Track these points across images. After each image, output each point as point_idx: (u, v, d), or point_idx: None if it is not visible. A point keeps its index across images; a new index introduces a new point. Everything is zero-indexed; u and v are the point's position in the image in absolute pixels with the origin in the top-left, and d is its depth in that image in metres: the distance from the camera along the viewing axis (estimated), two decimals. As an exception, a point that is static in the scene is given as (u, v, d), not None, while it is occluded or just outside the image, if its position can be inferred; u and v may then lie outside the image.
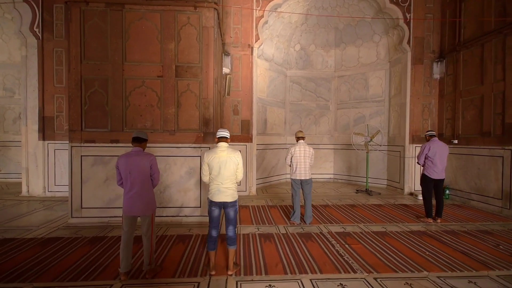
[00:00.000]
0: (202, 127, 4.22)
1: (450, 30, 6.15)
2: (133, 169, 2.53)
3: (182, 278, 2.58)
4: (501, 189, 4.89)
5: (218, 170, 2.62)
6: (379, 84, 7.38)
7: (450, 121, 6.15)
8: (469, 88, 5.64)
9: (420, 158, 4.46)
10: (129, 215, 2.57)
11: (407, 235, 3.79)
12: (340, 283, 2.50)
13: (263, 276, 2.63)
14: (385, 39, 7.16)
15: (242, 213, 4.77)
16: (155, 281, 2.52)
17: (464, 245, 3.43)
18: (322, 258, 3.01)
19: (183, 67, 4.16)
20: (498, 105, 4.97)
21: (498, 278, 2.64)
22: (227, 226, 2.73)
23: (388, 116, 7.22)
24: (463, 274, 2.71)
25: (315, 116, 8.26)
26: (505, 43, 4.80)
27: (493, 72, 5.07)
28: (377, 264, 2.88)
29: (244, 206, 5.29)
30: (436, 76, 6.41)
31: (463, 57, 5.78)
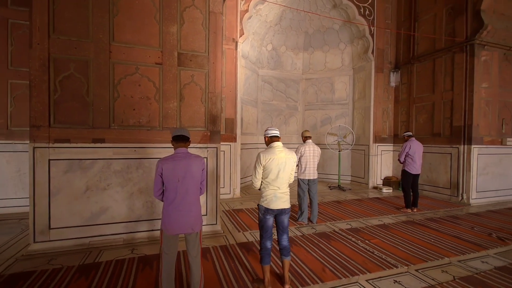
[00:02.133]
0: (208, 124, 3.73)
1: (404, 45, 7.15)
2: (185, 176, 2.02)
3: (240, 301, 2.21)
4: (449, 180, 5.95)
5: (277, 174, 2.34)
6: (344, 89, 8.03)
7: (405, 123, 7.16)
8: (421, 96, 6.68)
9: (402, 156, 5.03)
10: (174, 233, 2.04)
11: (403, 225, 4.22)
12: (394, 280, 2.57)
13: (321, 284, 2.48)
14: (349, 48, 7.83)
15: (244, 218, 4.46)
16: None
17: (450, 230, 4.01)
18: (358, 257, 3.04)
19: (187, 55, 3.60)
20: (447, 111, 6.03)
21: (496, 255, 3.18)
22: (281, 235, 2.47)
23: (352, 118, 7.92)
24: (476, 255, 3.15)
25: (285, 116, 8.43)
26: (454, 60, 5.86)
27: (443, 83, 6.12)
28: (406, 257, 3.08)
29: (238, 210, 4.96)
30: (393, 84, 7.37)
31: (417, 69, 6.80)
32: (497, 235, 3.75)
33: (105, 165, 3.26)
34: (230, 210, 4.93)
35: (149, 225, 3.47)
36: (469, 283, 2.51)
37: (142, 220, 3.44)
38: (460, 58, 5.76)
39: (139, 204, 3.42)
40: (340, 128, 7.15)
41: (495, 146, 5.85)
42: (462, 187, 5.73)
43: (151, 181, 3.45)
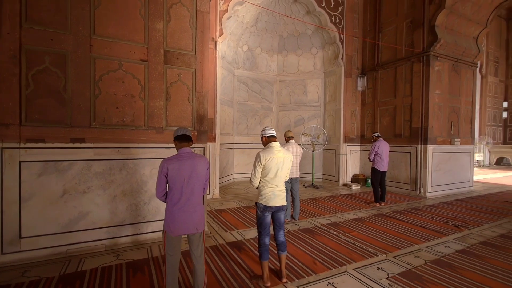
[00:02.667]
0: (195, 124, 3.69)
1: (370, 52, 7.77)
2: (191, 175, 2.00)
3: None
4: (409, 176, 6.64)
5: (275, 173, 2.44)
6: (316, 91, 8.45)
7: (370, 125, 7.79)
8: (385, 100, 7.33)
9: (371, 155, 5.49)
10: (179, 234, 2.01)
11: (375, 218, 4.62)
12: (377, 267, 2.83)
13: (314, 276, 2.63)
14: (321, 53, 8.26)
15: (228, 218, 4.47)
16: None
17: (414, 221, 4.51)
18: (342, 249, 3.27)
19: (174, 53, 3.51)
20: (407, 114, 6.72)
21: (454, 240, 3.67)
22: (278, 231, 2.57)
23: (323, 119, 8.37)
24: (439, 241, 3.60)
25: (260, 116, 8.58)
26: (413, 68, 6.55)
27: (403, 89, 6.80)
28: (383, 246, 3.40)
29: (220, 210, 4.95)
30: (359, 89, 7.96)
31: (381, 75, 7.45)
32: (452, 223, 4.32)
33: (85, 166, 3.04)
34: (212, 210, 4.90)
35: (133, 229, 3.31)
36: (439, 265, 2.88)
37: (126, 224, 3.28)
38: (418, 67, 6.47)
39: (123, 208, 3.26)
40: (313, 129, 7.53)
41: (446, 145, 6.67)
42: (419, 182, 6.43)
43: (136, 183, 3.31)
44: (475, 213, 4.99)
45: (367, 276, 2.63)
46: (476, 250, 3.29)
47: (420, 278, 2.60)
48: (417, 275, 2.65)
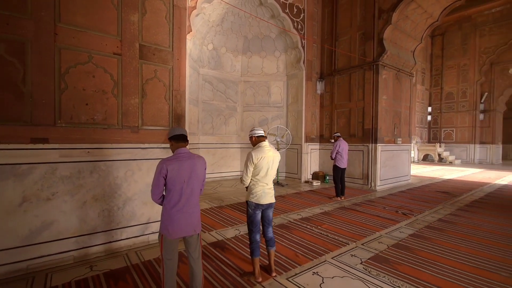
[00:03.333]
0: (173, 123, 3.55)
1: (328, 59, 8.42)
2: (191, 176, 1.97)
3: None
4: (362, 172, 7.41)
5: (266, 171, 2.54)
6: (279, 93, 8.80)
7: (328, 126, 8.44)
8: (341, 103, 8.03)
9: (333, 153, 5.99)
10: (178, 236, 1.97)
11: (339, 211, 5.07)
12: (350, 254, 3.16)
13: (299, 267, 2.82)
14: (284, 56, 8.63)
15: (203, 219, 4.41)
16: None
17: (371, 211, 5.09)
18: (318, 241, 3.54)
19: (150, 49, 3.33)
20: (360, 116, 7.48)
21: (406, 226, 4.27)
22: (267, 228, 2.68)
23: (286, 120, 8.76)
24: (394, 227, 4.14)
25: (225, 116, 8.57)
26: (365, 75, 7.32)
27: (357, 93, 7.55)
28: (351, 235, 3.79)
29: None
30: (319, 92, 8.56)
31: (337, 80, 8.13)
32: (401, 212, 5.01)
33: (48, 170, 2.70)
34: (184, 212, 4.75)
35: (106, 237, 3.05)
36: (398, 248, 3.34)
37: (98, 232, 3.00)
38: (369, 75, 7.26)
39: (94, 214, 2.97)
40: (278, 129, 7.83)
41: (391, 144, 7.64)
42: (371, 177, 7.24)
43: (109, 187, 3.06)
44: (416, 202, 5.85)
45: (344, 263, 2.91)
46: (423, 233, 3.90)
47: (387, 260, 2.99)
48: (384, 258, 3.04)
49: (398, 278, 2.60)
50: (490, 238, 3.71)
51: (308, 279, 2.58)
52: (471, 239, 3.67)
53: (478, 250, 3.30)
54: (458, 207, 5.50)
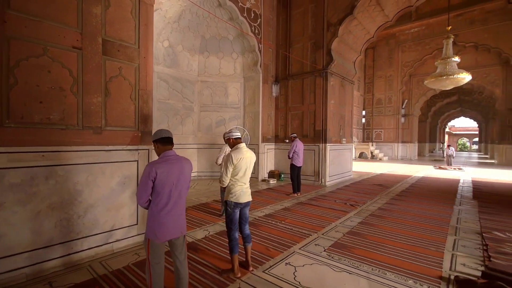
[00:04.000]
0: (139, 124, 3.40)
1: (282, 63, 8.92)
2: (179, 179, 1.97)
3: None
4: (314, 169, 8.09)
5: (244, 171, 2.68)
6: (236, 94, 8.95)
7: (283, 127, 8.95)
8: (295, 106, 8.61)
9: (290, 152, 6.42)
10: (166, 239, 1.96)
11: (298, 206, 5.50)
12: (315, 244, 3.51)
13: (272, 260, 3.03)
14: (241, 58, 8.82)
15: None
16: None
17: (325, 205, 5.65)
18: (284, 234, 3.82)
19: (114, 44, 3.12)
20: (311, 118, 8.15)
21: (355, 216, 4.89)
22: (244, 225, 2.81)
23: (243, 120, 8.96)
24: (346, 217, 4.70)
25: (181, 116, 8.32)
26: (315, 81, 8.01)
27: (309, 97, 8.21)
28: (312, 227, 4.18)
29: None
30: (274, 94, 9.00)
31: (291, 84, 8.69)
32: (349, 203, 5.69)
33: (-6, 177, 2.33)
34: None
35: (65, 248, 2.77)
36: (352, 235, 3.84)
37: (55, 244, 2.70)
38: (319, 81, 7.97)
39: (50, 225, 2.67)
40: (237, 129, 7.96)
41: (337, 144, 8.52)
42: (321, 174, 7.97)
43: (68, 193, 2.78)
44: (360, 194, 6.70)
45: (311, 252, 3.24)
46: (369, 221, 4.54)
47: (345, 246, 3.43)
48: (342, 245, 3.48)
49: (356, 260, 3.03)
50: (417, 221, 4.54)
51: (282, 269, 2.81)
52: (404, 222, 4.43)
53: (410, 231, 4.02)
54: (391, 196, 6.50)
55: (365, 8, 7.47)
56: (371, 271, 2.77)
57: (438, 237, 3.77)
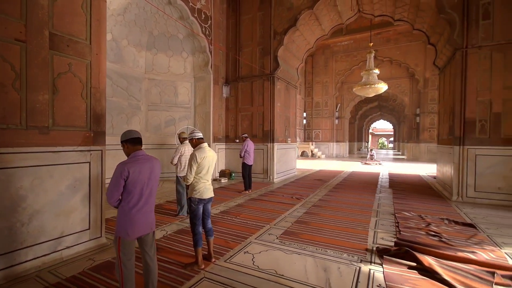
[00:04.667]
0: (91, 124, 3.24)
1: (232, 66, 9.21)
2: (150, 177, 2.08)
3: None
4: (262, 167, 8.62)
5: (207, 169, 2.88)
6: (186, 94, 8.87)
7: (233, 127, 9.26)
8: (245, 107, 9.00)
9: (242, 152, 6.77)
10: (137, 236, 2.05)
11: (250, 202, 5.87)
12: (268, 233, 3.91)
13: (232, 251, 3.30)
14: (191, 58, 8.78)
15: (120, 225, 4.13)
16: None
17: (274, 199, 6.17)
18: (241, 228, 4.13)
19: (63, 39, 2.93)
20: (260, 119, 8.67)
21: (300, 207, 5.51)
22: (207, 220, 3.01)
23: (194, 120, 8.94)
24: (293, 209, 5.27)
25: (127, 115, 7.85)
26: (264, 85, 8.55)
27: (257, 99, 8.70)
28: (265, 220, 4.60)
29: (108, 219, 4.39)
30: (224, 95, 9.23)
31: (241, 86, 9.05)
32: (295, 197, 6.33)
33: None
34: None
35: (6, 260, 2.51)
36: (299, 223, 4.38)
37: (-6, 257, 2.44)
38: (267, 85, 8.54)
39: (-12, 235, 2.40)
40: (188, 130, 7.92)
41: (283, 143, 9.24)
42: (269, 172, 8.55)
43: (10, 200, 2.55)
44: (303, 188, 7.47)
45: (265, 240, 3.62)
46: (312, 210, 5.19)
47: (294, 233, 3.92)
48: (292, 232, 3.96)
49: (303, 243, 3.53)
50: (349, 207, 5.39)
51: (241, 258, 3.11)
52: (339, 210, 5.22)
53: (344, 216, 4.78)
54: (329, 189, 7.44)
55: (306, 21, 8.31)
56: (315, 251, 3.29)
57: (364, 219, 4.61)
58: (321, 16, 8.35)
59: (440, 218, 4.61)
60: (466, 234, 3.87)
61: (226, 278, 2.63)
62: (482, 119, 5.79)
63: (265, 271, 2.76)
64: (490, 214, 4.96)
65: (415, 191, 7.30)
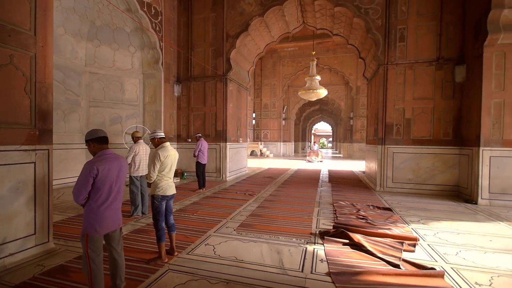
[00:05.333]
0: (36, 121, 3.01)
1: (184, 65, 9.13)
2: (119, 175, 2.15)
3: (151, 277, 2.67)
4: (215, 166, 8.79)
5: (170, 167, 3.01)
6: (135, 91, 8.44)
7: (185, 126, 9.18)
8: (197, 107, 9.03)
9: (196, 151, 6.86)
10: (105, 232, 2.12)
11: (206, 199, 6.03)
12: (226, 226, 4.18)
13: (192, 244, 3.47)
14: (140, 53, 8.39)
15: (70, 230, 3.87)
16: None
17: (228, 196, 6.44)
18: (200, 224, 4.30)
19: (5, 28, 2.69)
20: (213, 119, 8.82)
21: (253, 202, 5.91)
22: (169, 216, 3.13)
23: (143, 119, 8.56)
24: (246, 204, 5.63)
25: (64, 111, 7.11)
26: (216, 86, 8.72)
27: (210, 100, 8.83)
28: (221, 215, 4.85)
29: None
30: (176, 94, 9.09)
31: (193, 86, 9.04)
32: (248, 193, 6.72)
33: None
34: (30, 229, 3.87)
35: None
36: (253, 216, 4.76)
37: None
38: (220, 86, 8.74)
39: None
40: (137, 128, 7.58)
41: (235, 143, 9.56)
42: (222, 170, 8.77)
43: None
44: (255, 185, 7.93)
45: (224, 233, 3.88)
46: (264, 205, 5.64)
47: (249, 225, 4.28)
48: (247, 224, 4.31)
49: (258, 233, 3.91)
50: (296, 200, 6.02)
51: (203, 249, 3.31)
52: (288, 203, 5.79)
53: (292, 208, 5.35)
54: (278, 185, 8.06)
55: (257, 27, 8.80)
56: (269, 238, 3.70)
57: (309, 209, 5.25)
58: (270, 24, 8.93)
59: (367, 205, 5.55)
60: (385, 216, 4.79)
61: (191, 267, 2.82)
62: (397, 123, 7.11)
63: (226, 259, 3.04)
64: (403, 200, 6.17)
65: (349, 184, 8.45)
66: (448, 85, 6.75)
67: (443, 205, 5.76)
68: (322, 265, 2.92)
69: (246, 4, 8.39)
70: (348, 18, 7.89)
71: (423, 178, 6.93)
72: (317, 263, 2.98)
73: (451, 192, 6.70)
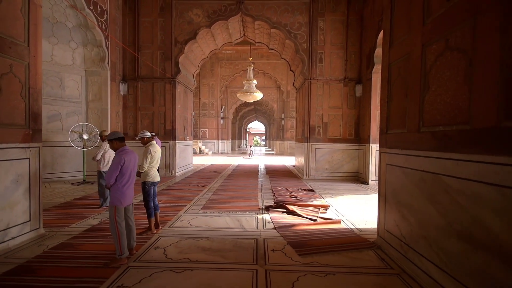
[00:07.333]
0: (30, 122, 3.41)
1: (131, 64, 9.29)
2: (135, 163, 2.97)
3: (148, 241, 3.52)
4: (165, 163, 9.33)
5: (157, 160, 3.85)
6: (76, 87, 8.22)
7: (132, 125, 9.37)
8: (145, 106, 9.34)
9: (151, 148, 7.39)
10: (126, 205, 2.93)
11: (164, 191, 6.72)
12: (191, 208, 5.13)
13: (169, 222, 4.36)
14: (82, 50, 8.22)
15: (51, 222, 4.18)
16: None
17: (183, 189, 7.27)
18: (167, 208, 5.13)
19: (6, 41, 3.07)
20: (162, 119, 9.31)
21: (206, 192, 6.94)
22: (155, 198, 3.97)
23: (86, 117, 8.41)
24: (201, 194, 6.61)
25: (-5, 107, 6.57)
26: (165, 87, 9.25)
27: (159, 100, 9.29)
28: (183, 202, 5.74)
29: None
30: (122, 93, 9.18)
31: (140, 86, 9.31)
32: (200, 185, 7.66)
33: None
34: None
35: (-40, 253, 2.61)
36: (211, 200, 5.82)
37: (-50, 250, 2.52)
38: (169, 87, 9.30)
39: None
40: (84, 126, 7.52)
41: (183, 141, 10.24)
42: (171, 166, 9.37)
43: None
44: (205, 178, 8.88)
45: (192, 213, 4.86)
46: (217, 193, 6.72)
47: (210, 206, 5.34)
48: (209, 206, 5.36)
49: (219, 211, 5.01)
50: (243, 189, 7.32)
51: (180, 223, 4.26)
52: (236, 190, 7.04)
53: (241, 194, 6.62)
54: (224, 178, 9.21)
55: (204, 36, 9.69)
56: (229, 213, 4.87)
57: (254, 194, 6.62)
58: (216, 34, 9.96)
59: (297, 189, 7.29)
60: (309, 195, 6.55)
61: (176, 234, 3.77)
62: (318, 125, 9.20)
63: (200, 228, 4.08)
64: (322, 184, 8.19)
65: (282, 175, 10.27)
66: (352, 98, 9.16)
67: (347, 185, 7.99)
68: (269, 225, 4.28)
69: (194, 14, 9.19)
70: (281, 38, 9.60)
71: (335, 168, 9.19)
72: (265, 223, 4.33)
73: (354, 177, 9.14)
